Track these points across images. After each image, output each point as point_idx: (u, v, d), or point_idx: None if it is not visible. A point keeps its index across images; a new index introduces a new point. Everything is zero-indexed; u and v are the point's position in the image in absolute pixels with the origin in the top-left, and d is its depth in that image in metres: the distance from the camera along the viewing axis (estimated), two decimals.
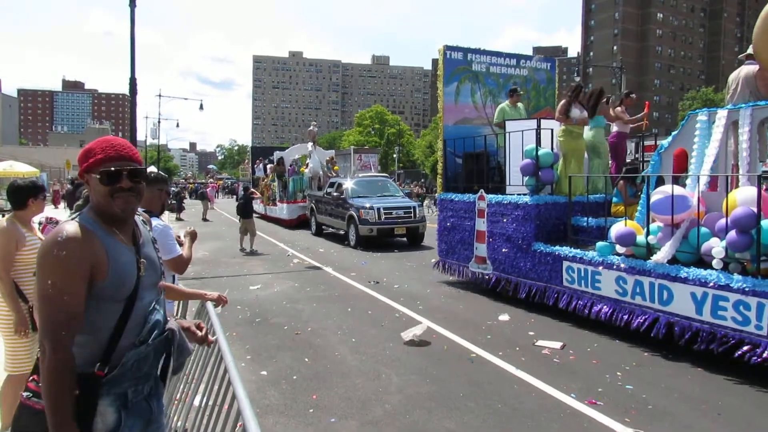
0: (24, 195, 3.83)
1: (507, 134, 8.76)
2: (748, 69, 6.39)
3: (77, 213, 1.90)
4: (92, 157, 1.84)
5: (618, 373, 5.27)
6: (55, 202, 30.13)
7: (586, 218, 7.52)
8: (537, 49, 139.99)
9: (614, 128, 9.34)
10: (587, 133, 8.62)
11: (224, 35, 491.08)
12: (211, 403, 2.63)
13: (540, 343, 6.22)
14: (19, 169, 24.48)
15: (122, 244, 1.86)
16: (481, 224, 8.71)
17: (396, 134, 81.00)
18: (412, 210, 15.03)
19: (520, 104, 9.82)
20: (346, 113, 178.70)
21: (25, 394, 1.82)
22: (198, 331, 2.26)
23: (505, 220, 8.23)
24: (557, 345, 6.12)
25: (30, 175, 22.87)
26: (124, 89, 16.25)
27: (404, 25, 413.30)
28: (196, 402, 2.93)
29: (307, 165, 21.74)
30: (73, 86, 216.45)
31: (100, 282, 1.76)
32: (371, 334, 6.66)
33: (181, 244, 3.62)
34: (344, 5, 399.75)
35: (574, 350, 5.98)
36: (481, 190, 8.79)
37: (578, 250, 6.97)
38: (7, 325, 3.75)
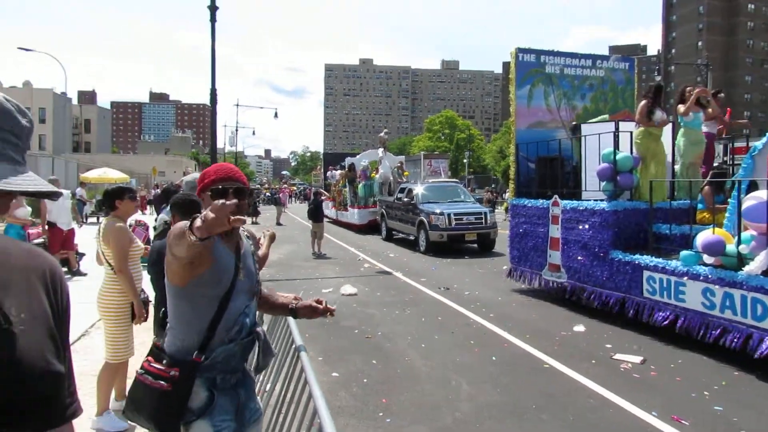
0: (110, 198, 4.28)
1: (582, 138, 8.49)
2: None
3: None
4: (207, 179, 2.22)
5: (705, 393, 4.96)
6: (142, 208, 31.84)
7: (668, 225, 7.15)
8: (614, 48, 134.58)
9: (703, 128, 8.82)
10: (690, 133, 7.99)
11: (295, 45, 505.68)
12: (287, 399, 2.71)
13: (618, 356, 5.97)
14: (112, 175, 26.20)
15: (226, 249, 2.19)
16: (555, 231, 8.48)
17: (466, 139, 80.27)
18: (483, 216, 14.84)
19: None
20: (416, 119, 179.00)
21: (139, 371, 2.18)
22: (318, 305, 2.56)
23: (580, 227, 7.97)
24: (637, 359, 5.85)
25: (121, 181, 24.48)
26: (205, 99, 17.04)
27: (474, 29, 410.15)
28: (273, 399, 3.03)
29: (377, 171, 21.96)
30: (159, 98, 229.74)
31: (202, 273, 2.07)
32: (441, 341, 6.62)
33: (259, 245, 3.79)
34: (413, 11, 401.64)
35: (655, 365, 5.69)
36: (555, 196, 8.56)
37: (660, 260, 6.64)
38: (114, 315, 4.15)
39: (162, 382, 2.09)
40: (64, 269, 10.45)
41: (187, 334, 2.14)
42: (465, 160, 70.45)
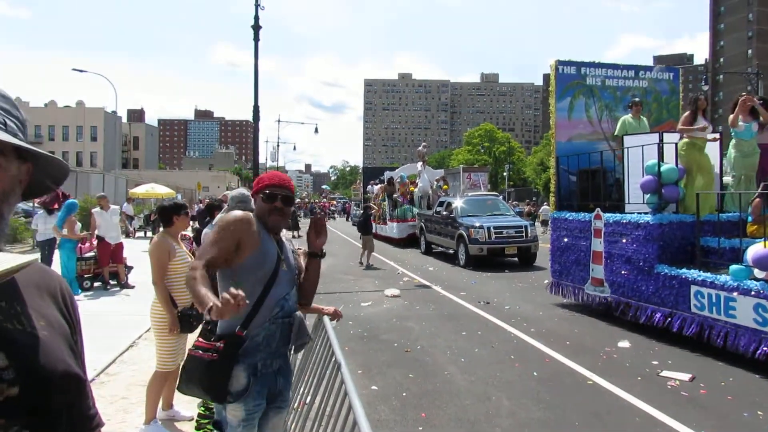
0: (169, 213, 4.46)
1: (625, 149, 8.33)
2: None
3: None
4: (261, 183, 2.57)
5: (759, 413, 4.76)
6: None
7: (717, 239, 6.93)
8: (658, 59, 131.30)
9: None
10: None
11: (335, 61, 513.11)
12: (327, 412, 2.75)
13: (665, 373, 5.79)
14: (159, 190, 27.02)
15: (271, 238, 2.55)
16: (598, 244, 8.32)
17: (506, 152, 79.62)
18: (523, 229, 14.69)
19: (643, 117, 9.28)
20: (455, 132, 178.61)
21: (191, 348, 2.51)
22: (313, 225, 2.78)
23: (624, 241, 7.80)
24: (685, 377, 5.66)
25: (167, 196, 25.23)
26: (248, 116, 17.43)
27: (513, 42, 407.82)
28: (313, 412, 3.07)
29: (416, 184, 22.01)
30: (203, 115, 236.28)
31: (250, 253, 2.42)
32: (481, 355, 6.56)
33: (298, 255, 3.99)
34: (452, 25, 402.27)
35: (704, 383, 5.49)
36: (598, 209, 8.41)
37: (709, 274, 6.43)
38: (161, 327, 4.29)
39: (210, 353, 2.39)
40: (113, 282, 10.82)
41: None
42: (505, 173, 69.84)
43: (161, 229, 4.58)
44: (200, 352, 2.45)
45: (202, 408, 4.11)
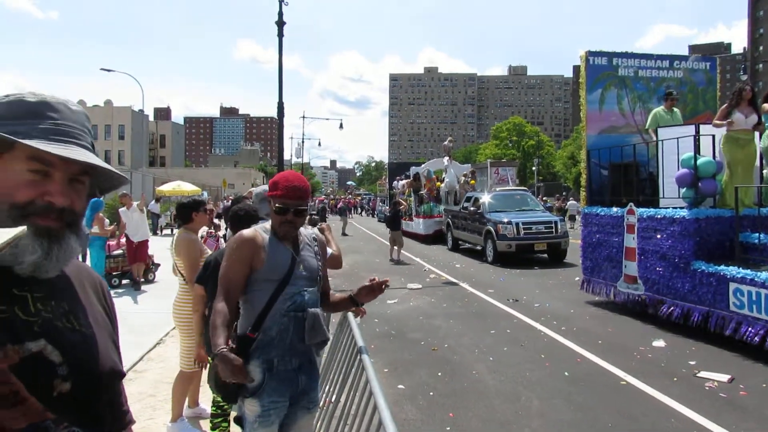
0: (188, 210, 4.48)
1: (660, 142, 8.14)
2: None
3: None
4: (276, 191, 2.53)
5: None
6: (210, 222, 32.01)
7: (757, 234, 6.72)
8: (694, 48, 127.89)
9: None
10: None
11: (359, 56, 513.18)
12: (353, 411, 2.74)
13: (703, 374, 5.65)
14: (185, 188, 27.40)
15: (283, 246, 2.55)
16: (631, 240, 8.16)
17: (535, 146, 78.76)
18: (553, 225, 14.52)
19: (675, 109, 9.06)
20: (483, 126, 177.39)
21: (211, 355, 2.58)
22: (373, 282, 2.77)
23: (658, 236, 7.63)
24: (723, 378, 5.51)
25: (193, 194, 25.56)
26: (272, 112, 17.59)
27: (542, 33, 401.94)
28: (338, 411, 3.07)
29: (442, 179, 21.91)
30: (228, 112, 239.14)
31: (259, 269, 2.48)
32: (510, 354, 6.50)
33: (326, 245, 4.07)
34: (478, 17, 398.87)
35: (744, 385, 5.34)
36: (631, 204, 8.26)
37: (749, 271, 6.25)
38: (187, 325, 4.28)
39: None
40: (126, 281, 10.96)
41: (248, 314, 2.49)
42: (534, 168, 69.11)
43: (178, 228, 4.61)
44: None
45: (213, 407, 4.10)
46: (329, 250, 4.04)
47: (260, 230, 2.59)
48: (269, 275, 2.48)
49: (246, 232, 2.58)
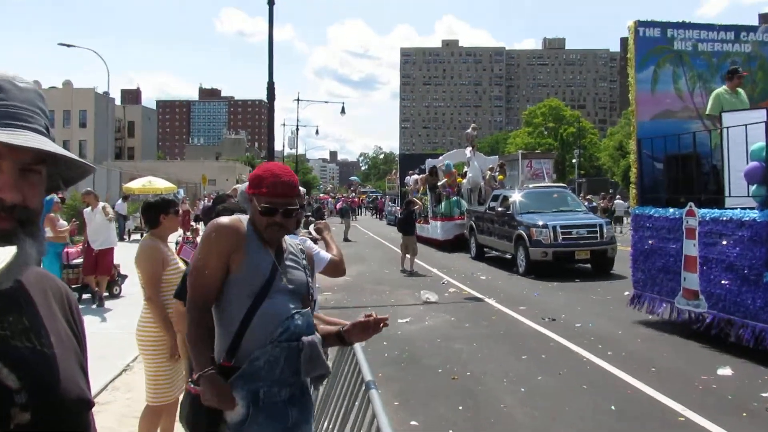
0: (155, 212, 4.38)
1: (725, 130, 8.11)
2: None
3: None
4: (260, 188, 2.47)
5: None
6: (184, 226, 25.34)
7: None
8: (765, 17, 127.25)
9: None
10: None
11: (364, 27, 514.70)
12: None
13: None
14: (158, 185, 27.59)
15: (264, 248, 2.48)
16: (691, 248, 8.14)
17: (575, 134, 78.56)
18: (597, 229, 14.51)
19: (740, 89, 9.02)
20: (512, 110, 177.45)
21: (189, 380, 2.55)
22: (368, 319, 2.63)
23: (724, 243, 7.61)
24: None
25: (168, 191, 25.70)
26: (261, 95, 17.61)
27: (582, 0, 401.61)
28: None
29: (464, 174, 21.90)
30: (209, 94, 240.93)
31: (234, 273, 2.41)
32: (546, 384, 6.51)
33: (317, 241, 4.07)
34: None
35: None
36: (690, 204, 8.23)
37: None
38: (153, 352, 4.23)
39: (196, 387, 2.40)
40: (87, 296, 10.93)
41: (222, 336, 2.44)
42: (574, 160, 68.98)
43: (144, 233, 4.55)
44: (191, 385, 2.49)
45: None
46: (327, 256, 4.03)
47: (243, 219, 2.54)
48: (246, 281, 2.41)
49: (226, 219, 2.52)
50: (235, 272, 2.41)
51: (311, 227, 4.11)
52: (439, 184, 22.20)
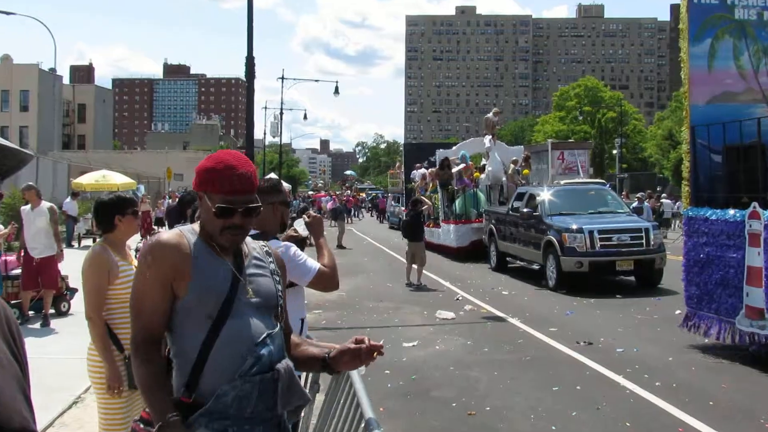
0: (109, 212, 4.36)
1: None
2: None
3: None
4: (211, 183, 2.42)
5: None
6: (145, 229, 24.65)
7: None
8: None
9: None
10: None
11: None
12: None
13: None
14: (115, 180, 27.61)
15: (218, 258, 2.44)
16: (755, 257, 8.14)
17: (616, 120, 78.59)
18: (643, 233, 14.51)
19: None
20: (540, 91, 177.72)
21: (136, 418, 2.55)
22: (360, 346, 2.57)
23: None
24: None
25: (127, 188, 25.71)
26: (238, 72, 17.58)
27: None
28: None
29: (483, 168, 21.87)
30: (176, 71, 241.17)
31: (183, 297, 2.37)
32: (581, 421, 6.51)
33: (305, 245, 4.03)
34: None
35: None
36: (754, 204, 8.23)
37: None
38: (100, 381, 4.18)
39: (149, 427, 2.36)
40: (30, 313, 10.74)
41: (179, 368, 2.40)
42: (615, 151, 69.01)
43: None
44: (141, 426, 2.46)
45: None
46: (316, 265, 3.94)
47: (186, 232, 2.49)
48: (201, 303, 2.36)
49: (165, 236, 2.51)
50: (183, 296, 2.38)
51: (296, 223, 4.05)
52: (454, 171, 21.89)
